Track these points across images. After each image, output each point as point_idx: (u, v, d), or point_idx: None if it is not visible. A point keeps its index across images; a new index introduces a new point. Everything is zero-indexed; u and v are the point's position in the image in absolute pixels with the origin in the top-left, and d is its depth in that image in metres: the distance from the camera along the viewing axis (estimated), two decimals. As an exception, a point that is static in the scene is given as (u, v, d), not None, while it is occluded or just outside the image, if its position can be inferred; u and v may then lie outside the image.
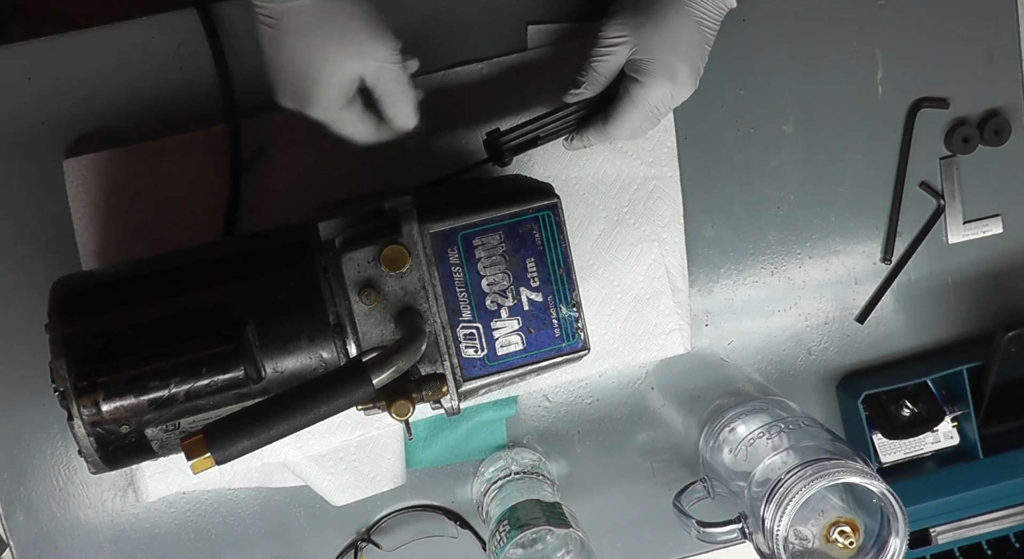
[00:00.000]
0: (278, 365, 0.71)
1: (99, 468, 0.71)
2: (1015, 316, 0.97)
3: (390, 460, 0.92)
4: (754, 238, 0.95)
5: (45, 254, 0.87)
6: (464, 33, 0.89)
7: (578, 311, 0.74)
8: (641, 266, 0.91)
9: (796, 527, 0.80)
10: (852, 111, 0.94)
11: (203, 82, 0.87)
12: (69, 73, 0.86)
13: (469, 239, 0.72)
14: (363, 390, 0.63)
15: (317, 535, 0.94)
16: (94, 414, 0.68)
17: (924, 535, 0.94)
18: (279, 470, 0.91)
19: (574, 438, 0.96)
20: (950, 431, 0.97)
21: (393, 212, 0.71)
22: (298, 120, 0.84)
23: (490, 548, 0.82)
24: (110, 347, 0.69)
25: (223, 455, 0.61)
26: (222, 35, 0.87)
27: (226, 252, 0.78)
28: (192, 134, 0.87)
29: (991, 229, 0.96)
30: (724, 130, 0.93)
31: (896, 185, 0.95)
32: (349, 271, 0.70)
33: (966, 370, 0.93)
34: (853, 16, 0.92)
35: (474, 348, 0.73)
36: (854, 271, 0.96)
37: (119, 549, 0.92)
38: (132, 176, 0.86)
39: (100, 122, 0.87)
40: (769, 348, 0.97)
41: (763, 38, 0.92)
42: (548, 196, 0.73)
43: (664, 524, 0.94)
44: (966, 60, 0.94)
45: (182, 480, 0.89)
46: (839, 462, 0.78)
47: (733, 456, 0.88)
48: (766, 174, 0.94)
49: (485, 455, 0.95)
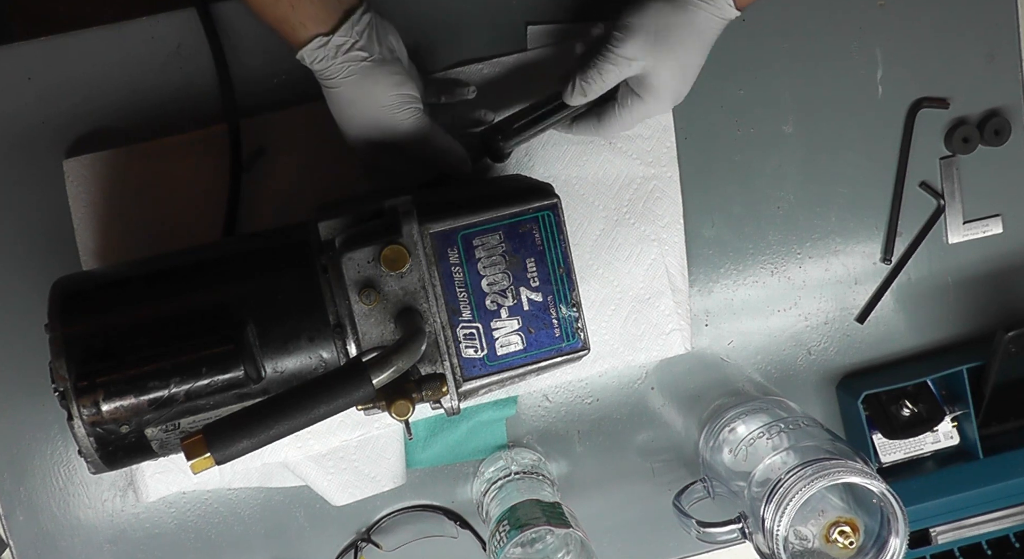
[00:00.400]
0: (278, 365, 0.71)
1: (99, 468, 0.71)
2: (1015, 316, 0.97)
3: (390, 460, 0.92)
4: (754, 238, 0.95)
5: (45, 254, 0.87)
6: (464, 33, 0.89)
7: (578, 311, 0.74)
8: (641, 266, 0.91)
9: (796, 527, 0.80)
10: (852, 111, 0.94)
11: (203, 82, 0.87)
12: (69, 73, 0.87)
13: (469, 239, 0.72)
14: (363, 390, 0.63)
15: (317, 535, 0.94)
16: (94, 414, 0.68)
17: (924, 535, 0.94)
18: (279, 470, 0.91)
19: (574, 438, 0.96)
20: (950, 431, 0.97)
21: (393, 212, 0.71)
22: (298, 120, 0.84)
23: (490, 548, 0.82)
24: (110, 347, 0.69)
25: (223, 455, 0.61)
26: (222, 35, 0.87)
27: (226, 252, 0.78)
28: (192, 134, 0.87)
29: (991, 229, 0.96)
30: (724, 130, 0.93)
31: (896, 185, 0.95)
32: (349, 271, 0.70)
33: (966, 370, 0.93)
34: (853, 16, 0.92)
35: (474, 348, 0.73)
36: (854, 271, 0.96)
37: (119, 549, 0.92)
38: (132, 176, 0.86)
39: (100, 122, 0.87)
40: (769, 348, 0.97)
41: (763, 38, 0.92)
42: (548, 196, 0.73)
43: (664, 524, 0.94)
44: (966, 60, 0.94)
45: (182, 480, 0.89)
46: (839, 462, 0.78)
47: (733, 456, 0.88)
48: (766, 174, 0.94)
49: (485, 455, 0.95)
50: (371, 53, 0.75)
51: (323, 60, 0.74)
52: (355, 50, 0.74)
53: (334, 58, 0.74)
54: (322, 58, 0.74)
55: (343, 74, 0.75)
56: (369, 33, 0.75)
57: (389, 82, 0.76)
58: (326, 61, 0.74)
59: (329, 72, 0.75)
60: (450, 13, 0.88)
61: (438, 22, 0.88)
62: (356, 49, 0.74)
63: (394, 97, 0.76)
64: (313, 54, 0.74)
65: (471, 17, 0.89)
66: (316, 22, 0.73)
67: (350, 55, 0.74)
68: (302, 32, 0.73)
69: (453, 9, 0.88)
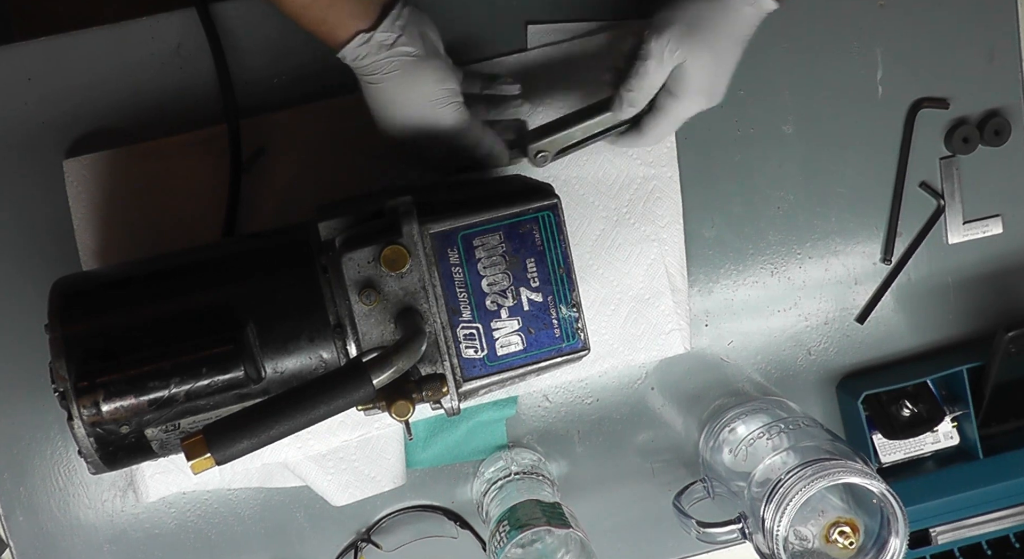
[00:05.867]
0: (278, 365, 0.71)
1: (99, 468, 0.71)
2: (1015, 316, 0.97)
3: (390, 460, 0.92)
4: (754, 238, 0.95)
5: (45, 254, 0.87)
6: (464, 33, 0.89)
7: (578, 311, 0.74)
8: (641, 266, 0.91)
9: (796, 527, 0.80)
10: (852, 111, 0.94)
11: (203, 82, 0.87)
12: (69, 73, 0.86)
13: (469, 239, 0.72)
14: (363, 390, 0.63)
15: (317, 535, 0.94)
16: (94, 414, 0.68)
17: (924, 535, 0.93)
18: (279, 470, 0.91)
19: (574, 438, 0.96)
20: (950, 431, 0.97)
21: (393, 212, 0.71)
22: (298, 120, 0.84)
23: (490, 548, 0.82)
24: (110, 347, 0.69)
25: (223, 455, 0.61)
26: (222, 35, 0.87)
27: (226, 252, 0.78)
28: (192, 134, 0.87)
29: (991, 229, 0.96)
30: (724, 130, 0.93)
31: (896, 185, 0.95)
32: (349, 271, 0.70)
33: (966, 370, 0.93)
34: (853, 16, 0.92)
35: (474, 348, 0.73)
36: (854, 271, 0.96)
37: (119, 549, 0.92)
38: (132, 176, 0.86)
39: (100, 122, 0.87)
40: (769, 348, 0.97)
41: (763, 38, 0.91)
42: (548, 196, 0.73)
43: (664, 524, 0.94)
44: (966, 60, 0.94)
45: (182, 480, 0.89)
46: (839, 462, 0.78)
47: (733, 456, 0.88)
48: (766, 174, 0.94)
49: (485, 455, 0.95)
50: (415, 48, 0.74)
51: (366, 57, 0.73)
52: (398, 45, 0.73)
53: (377, 54, 0.73)
54: (365, 55, 0.73)
55: (387, 70, 0.74)
56: (411, 28, 0.74)
57: (434, 78, 0.75)
58: (369, 58, 0.73)
59: (372, 68, 0.74)
60: (450, 13, 0.88)
61: (438, 22, 0.88)
62: (399, 44, 0.73)
63: (439, 92, 0.75)
64: (355, 52, 0.73)
65: (471, 17, 0.89)
66: (356, 19, 0.72)
67: (395, 50, 0.73)
68: (342, 31, 0.72)
69: (453, 9, 0.88)
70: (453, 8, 0.88)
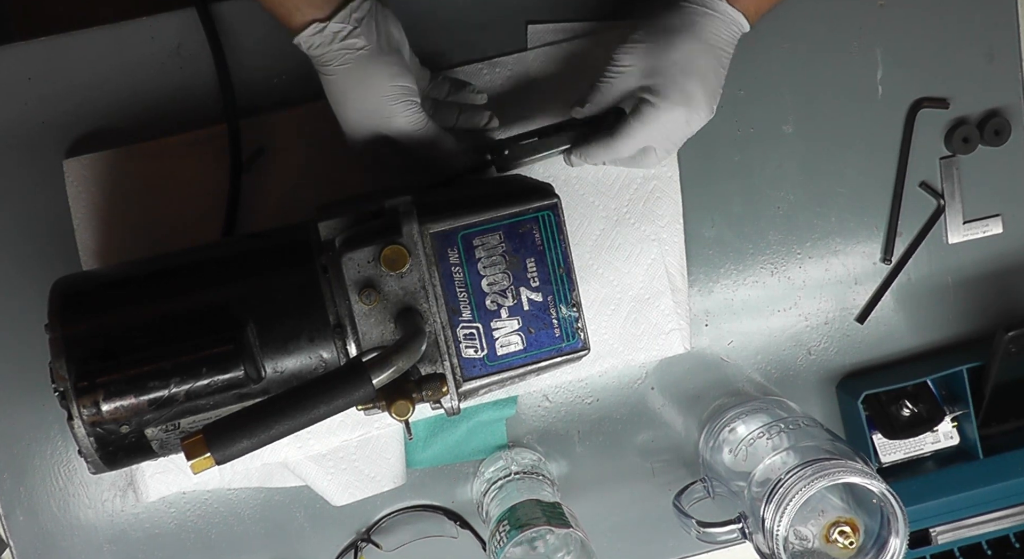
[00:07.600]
0: (278, 365, 0.71)
1: (99, 468, 0.71)
2: (1015, 316, 0.97)
3: (390, 460, 0.92)
4: (754, 238, 0.95)
5: (45, 254, 0.87)
6: (464, 33, 0.89)
7: (578, 311, 0.74)
8: (641, 266, 0.91)
9: (796, 527, 0.80)
10: (852, 111, 0.94)
11: (203, 82, 0.87)
12: (69, 73, 0.87)
13: (469, 239, 0.72)
14: (363, 390, 0.63)
15: (317, 535, 0.94)
16: (94, 414, 0.68)
17: (924, 535, 0.94)
18: (279, 470, 0.91)
19: (574, 438, 0.96)
20: (950, 431, 0.97)
21: (393, 212, 0.71)
22: (298, 120, 0.84)
23: (490, 548, 0.82)
24: (110, 347, 0.69)
25: (223, 455, 0.61)
26: (222, 35, 0.87)
27: (226, 252, 0.78)
28: (192, 134, 0.87)
29: (991, 229, 0.96)
30: (724, 130, 0.93)
31: (896, 185, 0.95)
32: (349, 271, 0.70)
33: (966, 370, 0.93)
34: (853, 16, 0.92)
35: (474, 348, 0.73)
36: (854, 271, 0.96)
37: (119, 549, 0.92)
38: (132, 176, 0.86)
39: (100, 122, 0.87)
40: (769, 348, 0.97)
41: (763, 38, 0.92)
42: (548, 196, 0.73)
43: (664, 524, 0.94)
44: (966, 60, 0.94)
45: (182, 480, 0.89)
46: (839, 462, 0.78)
47: (733, 456, 0.88)
48: (766, 174, 0.94)
49: (485, 455, 0.95)
50: (369, 42, 0.74)
51: (319, 46, 0.73)
52: (352, 38, 0.73)
53: (330, 45, 0.73)
54: (319, 44, 0.73)
55: (338, 61, 0.74)
56: (368, 21, 0.74)
57: (387, 73, 0.75)
58: (322, 47, 0.73)
59: (325, 58, 0.74)
60: (450, 13, 0.88)
61: (438, 22, 0.88)
62: (353, 36, 0.73)
63: (390, 88, 0.75)
64: (309, 40, 0.73)
65: (471, 17, 0.89)
66: (313, 7, 0.72)
67: (346, 43, 0.73)
68: (298, 17, 0.73)
69: (453, 9, 0.88)
70: (454, 8, 0.88)
